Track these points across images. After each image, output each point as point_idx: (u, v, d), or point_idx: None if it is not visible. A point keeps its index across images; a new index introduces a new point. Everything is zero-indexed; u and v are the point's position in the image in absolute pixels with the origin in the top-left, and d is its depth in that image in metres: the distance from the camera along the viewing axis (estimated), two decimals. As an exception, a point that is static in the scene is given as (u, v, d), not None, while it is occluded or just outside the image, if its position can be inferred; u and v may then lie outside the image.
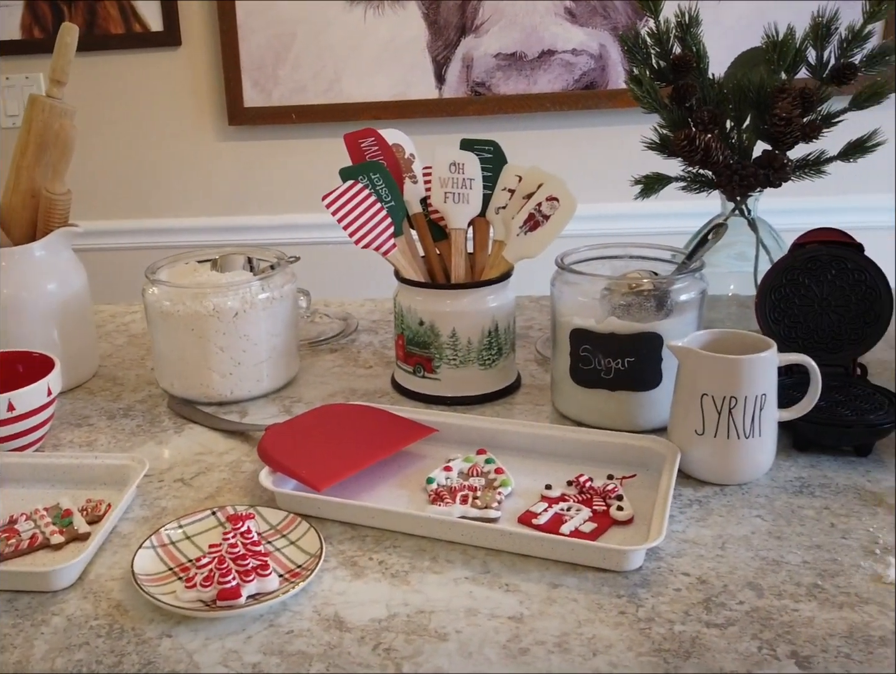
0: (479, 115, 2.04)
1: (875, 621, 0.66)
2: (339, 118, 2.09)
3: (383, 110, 2.09)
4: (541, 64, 1.98)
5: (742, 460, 0.83)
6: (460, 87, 2.04)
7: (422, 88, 2.06)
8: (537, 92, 2.00)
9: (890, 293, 0.93)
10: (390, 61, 2.07)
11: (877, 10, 1.05)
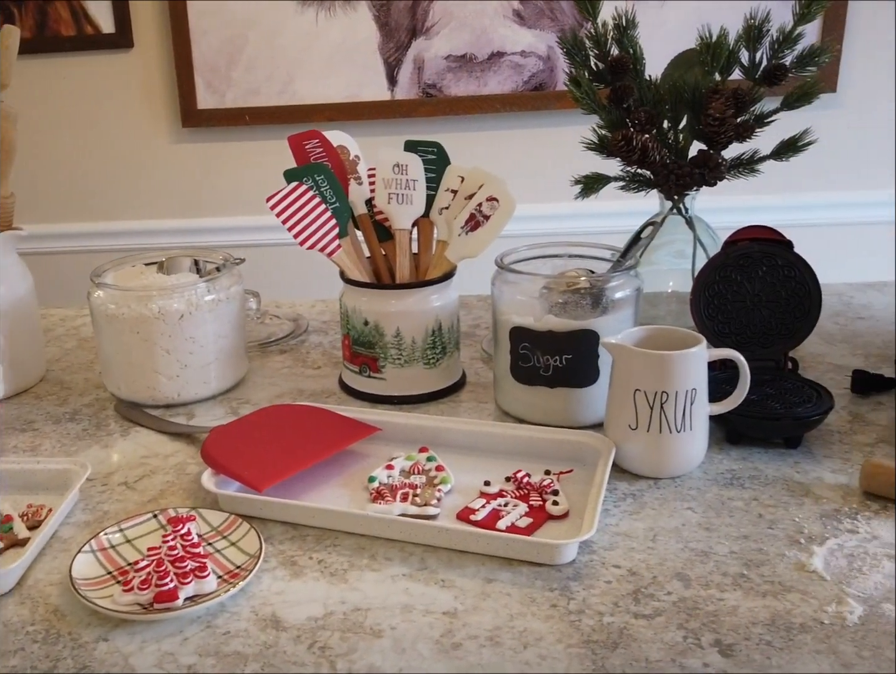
0: (430, 116, 2.05)
1: (797, 609, 0.67)
2: (293, 120, 2.08)
3: (336, 112, 2.09)
4: (490, 66, 1.99)
5: (674, 454, 0.84)
6: (412, 88, 2.04)
7: (374, 90, 2.06)
8: (487, 93, 2.01)
9: (818, 289, 0.95)
10: (342, 63, 2.07)
11: (806, 13, 1.06)
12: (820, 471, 0.85)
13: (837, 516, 0.78)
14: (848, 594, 0.68)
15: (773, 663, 0.62)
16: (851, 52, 1.94)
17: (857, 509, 0.79)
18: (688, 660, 0.63)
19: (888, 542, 0.74)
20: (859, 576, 0.70)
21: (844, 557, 0.72)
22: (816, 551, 0.73)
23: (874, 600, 0.67)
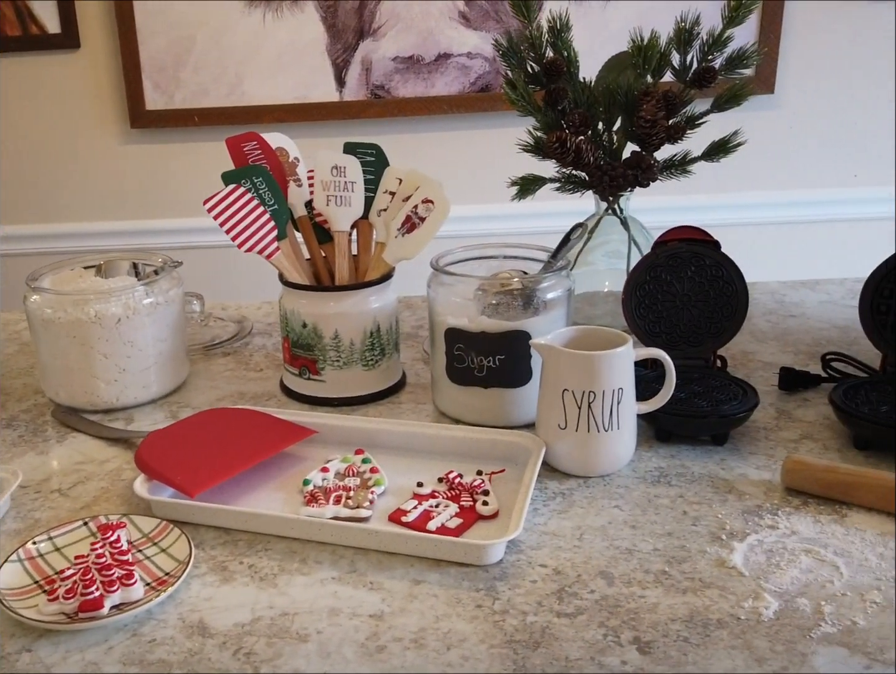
0: (379, 117, 2.04)
1: (714, 605, 0.68)
2: (242, 121, 2.06)
3: (286, 113, 2.07)
4: (437, 67, 1.99)
5: (603, 453, 0.85)
6: (360, 89, 2.03)
7: (323, 91, 2.05)
8: (435, 95, 2.00)
9: (745, 288, 0.96)
10: (291, 64, 2.05)
11: (735, 16, 1.07)
12: (745, 468, 0.86)
13: (759, 512, 0.79)
14: (765, 590, 0.69)
15: (688, 659, 0.62)
16: (788, 55, 1.96)
17: (779, 504, 0.80)
18: (606, 658, 0.63)
19: (807, 537, 0.75)
20: (777, 571, 0.71)
21: (763, 552, 0.73)
22: (737, 548, 0.74)
23: (790, 595, 0.68)
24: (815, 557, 0.72)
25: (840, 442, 0.90)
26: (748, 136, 1.09)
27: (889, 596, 0.67)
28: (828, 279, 1.31)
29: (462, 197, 2.00)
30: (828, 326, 1.18)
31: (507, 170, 1.17)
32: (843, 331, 1.11)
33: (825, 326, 1.18)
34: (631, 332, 0.99)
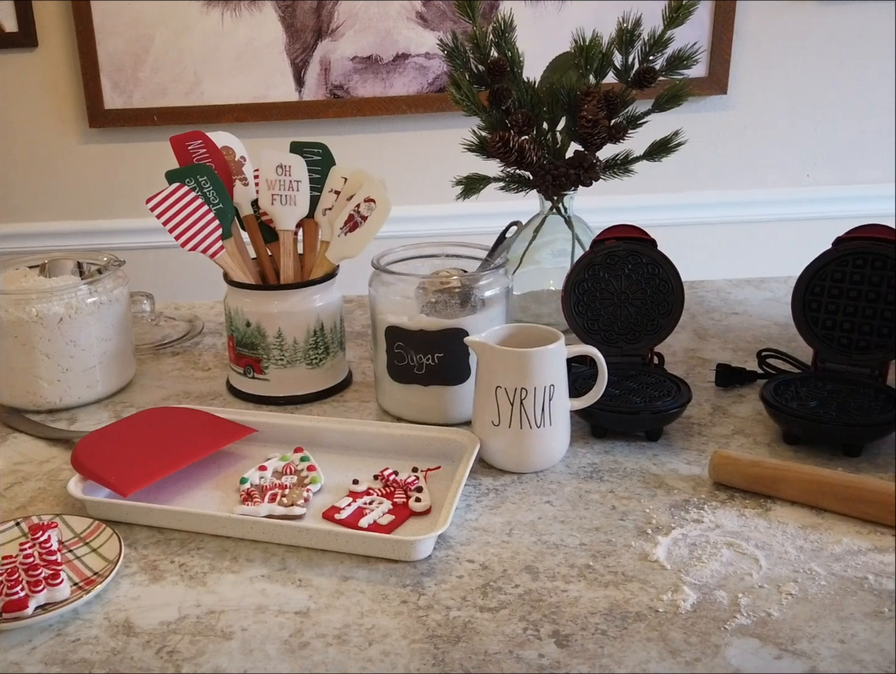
0: (338, 117, 2.04)
1: (635, 598, 0.68)
2: (201, 120, 2.05)
3: (245, 112, 2.06)
4: (396, 67, 1.99)
5: (535, 449, 0.85)
6: (319, 89, 2.03)
7: (282, 91, 2.04)
8: (393, 95, 2.00)
9: (681, 286, 0.97)
10: (250, 64, 2.04)
11: (675, 17, 1.08)
12: (676, 463, 0.87)
13: (686, 506, 0.80)
14: (685, 583, 0.70)
15: (604, 651, 0.63)
16: (741, 56, 1.98)
17: (706, 499, 0.81)
18: (525, 652, 0.63)
19: (730, 530, 0.76)
20: (698, 564, 0.72)
21: (687, 546, 0.74)
22: (661, 542, 0.75)
23: (708, 588, 0.69)
24: (736, 550, 0.73)
25: (770, 437, 0.91)
26: (702, 136, 1.11)
27: (805, 587, 0.68)
28: (772, 277, 1.32)
29: (423, 197, 2.01)
30: (769, 323, 1.19)
31: (466, 169, 1.17)
32: (783, 328, 1.13)
33: (766, 324, 1.19)
34: (570, 329, 1.00)
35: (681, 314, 0.97)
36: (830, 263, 0.94)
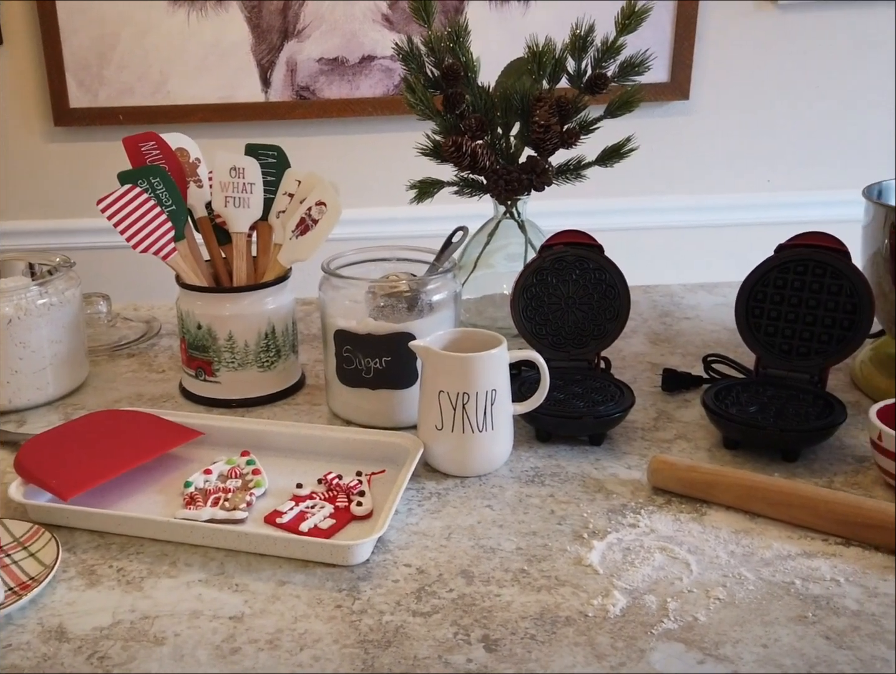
0: (304, 118, 2.03)
1: (566, 603, 0.69)
2: (167, 120, 2.04)
3: (211, 112, 2.05)
4: (362, 69, 1.99)
5: (478, 453, 0.86)
6: (286, 90, 2.02)
7: (248, 91, 2.04)
8: (360, 96, 2.00)
9: (627, 291, 0.97)
10: (216, 64, 2.04)
11: (628, 24, 1.09)
12: (617, 467, 0.87)
13: (623, 510, 0.80)
14: (616, 587, 0.70)
15: (532, 656, 0.63)
16: (703, 62, 1.99)
17: (643, 503, 0.81)
18: (453, 656, 0.64)
19: (664, 535, 0.76)
20: (630, 569, 0.72)
21: (621, 551, 0.75)
22: (596, 546, 0.75)
23: (638, 593, 0.69)
24: (668, 554, 0.74)
25: (711, 442, 0.92)
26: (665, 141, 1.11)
27: (733, 592, 0.69)
28: (726, 282, 1.33)
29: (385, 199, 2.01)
30: (719, 328, 1.20)
31: (427, 173, 1.17)
32: (732, 333, 1.13)
33: (716, 329, 1.20)
34: (519, 333, 1.00)
35: (626, 319, 0.98)
36: (772, 269, 0.95)
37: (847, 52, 2.02)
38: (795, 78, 2.03)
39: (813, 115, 2.06)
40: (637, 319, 1.23)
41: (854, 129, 2.06)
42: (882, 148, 2.04)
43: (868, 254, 1.00)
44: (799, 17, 1.98)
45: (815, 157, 2.08)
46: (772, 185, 2.08)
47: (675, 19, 1.93)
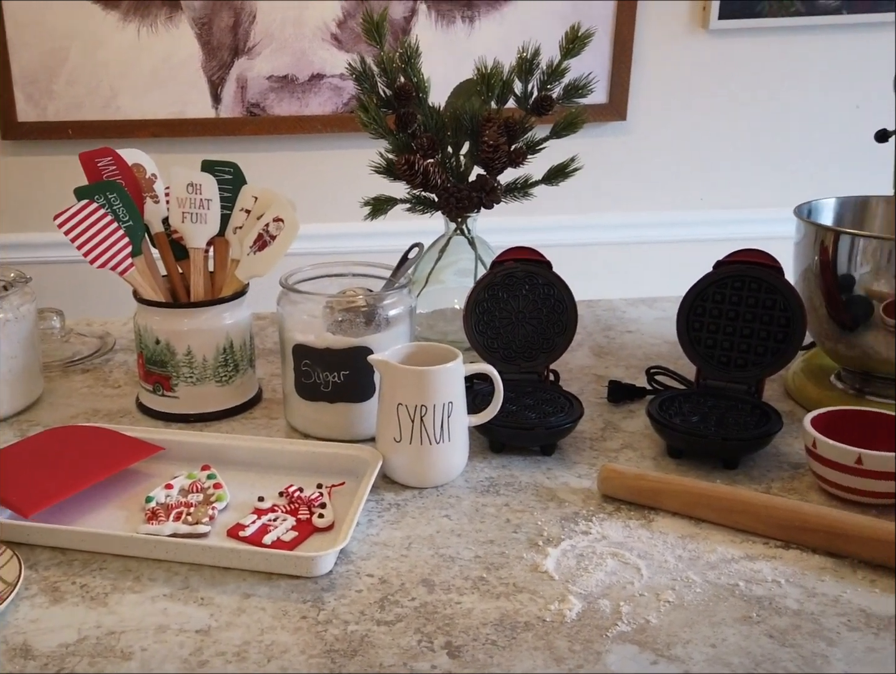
0: (255, 134, 2.02)
1: (524, 608, 0.70)
2: (117, 134, 2.01)
3: (162, 128, 2.03)
4: (311, 87, 1.98)
5: (435, 464, 0.86)
6: (236, 107, 2.01)
7: (199, 107, 2.02)
8: (309, 114, 2.00)
9: (574, 306, 0.99)
10: (166, 79, 2.01)
11: (571, 48, 1.11)
12: (568, 477, 0.89)
13: (575, 518, 0.82)
14: (571, 592, 0.71)
15: (494, 661, 0.64)
16: (639, 84, 2.03)
17: (594, 511, 0.83)
18: (418, 663, 0.64)
19: (615, 541, 0.78)
20: (584, 574, 0.74)
21: (575, 557, 0.76)
22: (551, 553, 0.76)
23: (593, 597, 0.71)
24: (620, 560, 0.75)
25: (656, 451, 0.94)
26: (603, 161, 1.14)
27: (681, 595, 0.71)
28: (665, 297, 1.36)
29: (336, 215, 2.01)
30: (660, 341, 1.23)
31: (377, 190, 1.18)
32: (673, 346, 1.16)
33: (657, 342, 1.23)
34: (472, 347, 1.02)
35: (574, 333, 1.00)
36: (711, 285, 0.97)
37: (775, 76, 2.08)
38: (727, 100, 2.08)
39: (744, 136, 2.11)
40: (582, 332, 1.25)
41: (784, 149, 2.13)
42: (812, 168, 2.10)
43: (800, 270, 1.03)
44: (728, 42, 2.04)
45: (748, 176, 2.13)
46: (706, 203, 2.13)
47: (613, 43, 1.97)
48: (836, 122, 2.10)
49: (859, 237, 0.95)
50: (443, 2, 1.98)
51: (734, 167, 2.12)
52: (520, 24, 1.97)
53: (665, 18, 2.01)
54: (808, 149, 2.12)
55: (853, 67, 2.07)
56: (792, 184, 2.05)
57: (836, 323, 0.99)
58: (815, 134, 2.11)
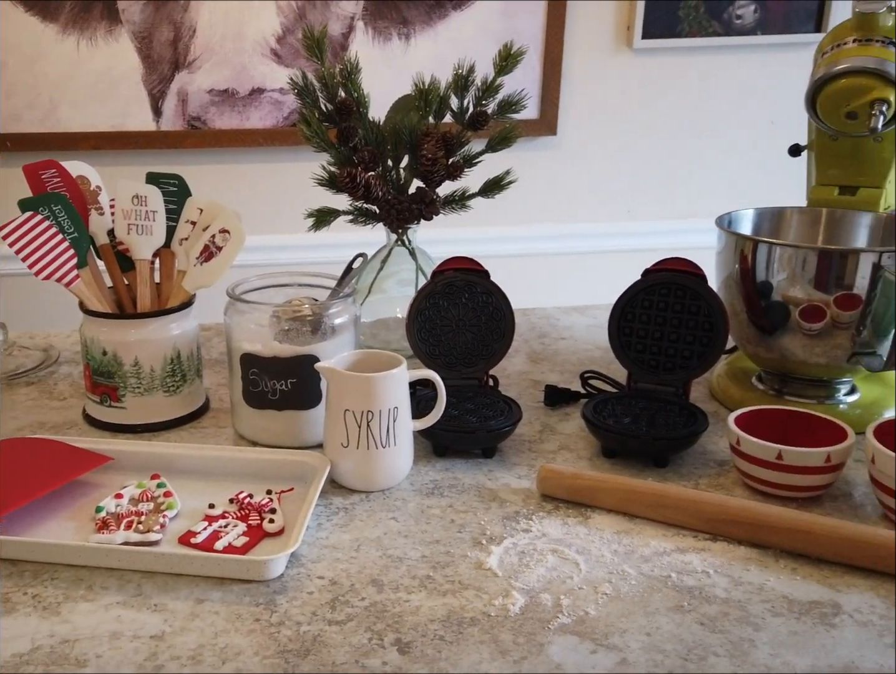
0: (196, 148, 2.00)
1: (470, 604, 0.71)
2: (57, 147, 1.98)
3: (102, 140, 2.00)
4: (252, 101, 1.98)
5: (381, 468, 0.87)
6: (177, 120, 1.99)
7: (139, 120, 1.99)
8: (250, 127, 1.99)
9: (512, 313, 1.01)
10: (107, 92, 1.98)
11: (504, 65, 1.13)
12: (508, 477, 0.91)
13: (517, 517, 0.83)
14: (514, 588, 0.73)
15: (442, 655, 0.66)
16: (569, 100, 2.07)
17: (534, 510, 0.85)
18: (369, 660, 0.65)
19: (555, 538, 0.80)
20: (526, 570, 0.75)
21: (517, 554, 0.78)
22: (494, 551, 0.78)
23: (535, 592, 0.73)
24: (560, 555, 0.77)
25: (591, 451, 0.96)
26: (535, 174, 1.16)
27: (618, 587, 0.73)
28: (596, 305, 1.39)
29: (279, 227, 2.00)
30: (593, 347, 1.26)
31: (318, 201, 1.18)
32: (605, 351, 1.19)
33: (590, 348, 1.26)
34: (415, 354, 1.03)
35: (512, 339, 1.01)
36: (640, 292, 1.00)
37: (696, 93, 2.15)
38: (651, 115, 2.14)
39: (668, 150, 2.17)
40: (518, 339, 1.27)
41: (705, 162, 2.19)
42: (732, 180, 2.17)
43: (722, 277, 1.06)
44: (651, 61, 2.09)
45: (672, 188, 2.19)
46: (632, 214, 2.18)
47: (543, 61, 2.01)
48: (753, 137, 2.17)
49: (776, 246, 0.99)
50: (379, 19, 1.99)
51: (659, 180, 2.18)
52: (453, 42, 2.00)
53: (592, 38, 2.06)
54: (728, 162, 2.18)
55: (768, 85, 2.14)
56: (713, 196, 2.11)
57: (756, 327, 1.02)
58: (734, 148, 2.18)
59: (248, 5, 1.93)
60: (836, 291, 0.95)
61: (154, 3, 1.92)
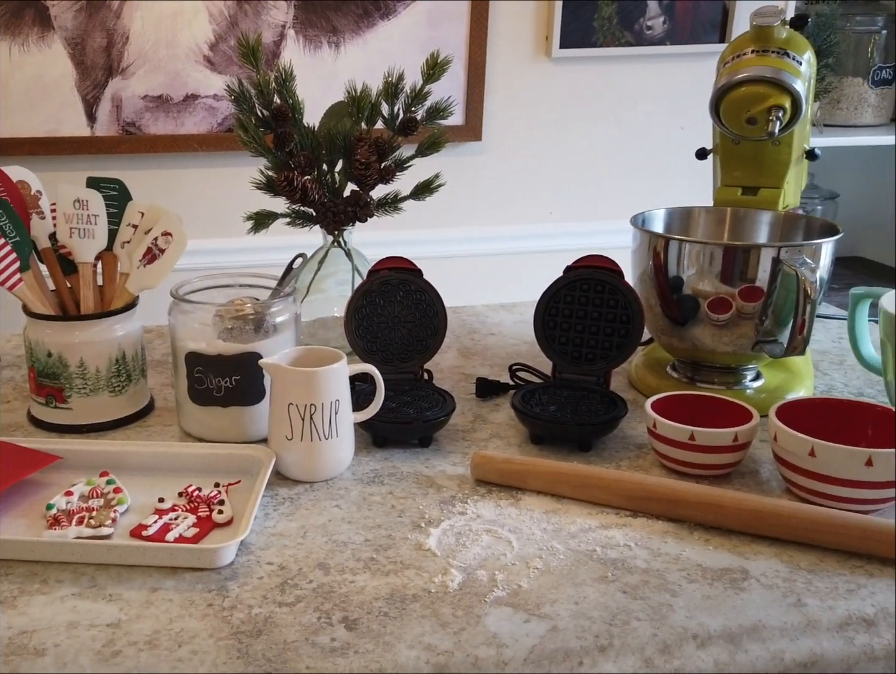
0: (131, 153, 1.97)
1: (411, 583, 0.74)
2: (-10, 152, 1.93)
3: (36, 146, 1.95)
4: (186, 107, 1.96)
5: (325, 459, 0.89)
6: (112, 126, 1.96)
7: (73, 125, 1.96)
8: (184, 133, 1.97)
9: (444, 310, 1.04)
10: (40, 98, 1.94)
11: (432, 73, 1.15)
12: (444, 465, 0.93)
13: (452, 501, 0.86)
14: (452, 566, 0.76)
15: (387, 630, 0.68)
16: (493, 106, 2.11)
17: (469, 494, 0.88)
18: (319, 637, 0.67)
19: (488, 519, 0.83)
20: (463, 550, 0.78)
21: (454, 535, 0.80)
22: (433, 533, 0.81)
23: (471, 569, 0.76)
24: (493, 535, 0.80)
25: (521, 438, 1.00)
26: (462, 178, 1.18)
27: (548, 562, 0.77)
28: (522, 302, 1.43)
29: (213, 231, 1.99)
30: (519, 342, 1.29)
31: (254, 205, 1.19)
32: (531, 345, 1.22)
33: (517, 342, 1.29)
34: (353, 351, 1.05)
35: (445, 335, 1.04)
36: (562, 288, 1.04)
37: (611, 100, 2.20)
38: (570, 121, 2.19)
39: (587, 154, 2.22)
40: (450, 336, 1.29)
41: (621, 166, 2.25)
42: (645, 182, 2.23)
43: (637, 273, 1.11)
44: (569, 69, 2.14)
45: (591, 191, 2.25)
46: (554, 216, 2.23)
47: (467, 70, 2.04)
48: (664, 142, 2.24)
49: (685, 243, 1.03)
50: (310, 28, 2.00)
51: (579, 183, 2.23)
52: (381, 50, 2.01)
53: (512, 47, 2.10)
54: (641, 165, 2.25)
55: (677, 93, 2.21)
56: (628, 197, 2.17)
57: (669, 319, 1.07)
58: (647, 152, 2.25)
59: (181, 13, 1.91)
60: (740, 284, 1.00)
61: (86, 9, 1.89)
